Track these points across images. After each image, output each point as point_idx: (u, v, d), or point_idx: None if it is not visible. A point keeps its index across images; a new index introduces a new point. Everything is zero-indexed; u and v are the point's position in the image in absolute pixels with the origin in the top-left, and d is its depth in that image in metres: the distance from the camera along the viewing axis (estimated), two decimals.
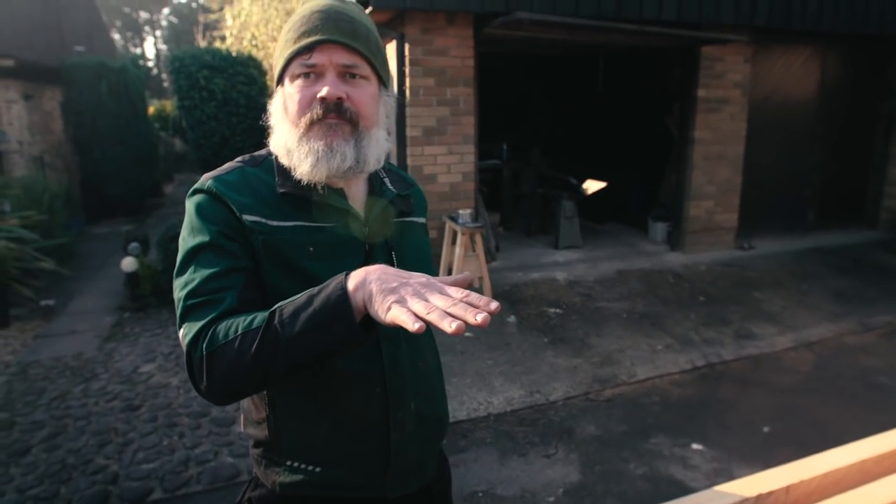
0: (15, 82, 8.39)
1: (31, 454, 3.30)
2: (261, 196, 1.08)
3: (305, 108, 1.06)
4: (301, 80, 1.07)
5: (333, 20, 1.05)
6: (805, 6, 6.39)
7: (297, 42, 1.06)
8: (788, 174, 7.40)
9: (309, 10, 1.07)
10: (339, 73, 1.06)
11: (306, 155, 1.06)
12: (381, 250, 1.14)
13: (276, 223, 1.07)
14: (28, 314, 5.54)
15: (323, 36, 1.04)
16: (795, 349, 4.66)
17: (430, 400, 1.23)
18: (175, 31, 35.56)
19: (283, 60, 1.08)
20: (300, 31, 1.06)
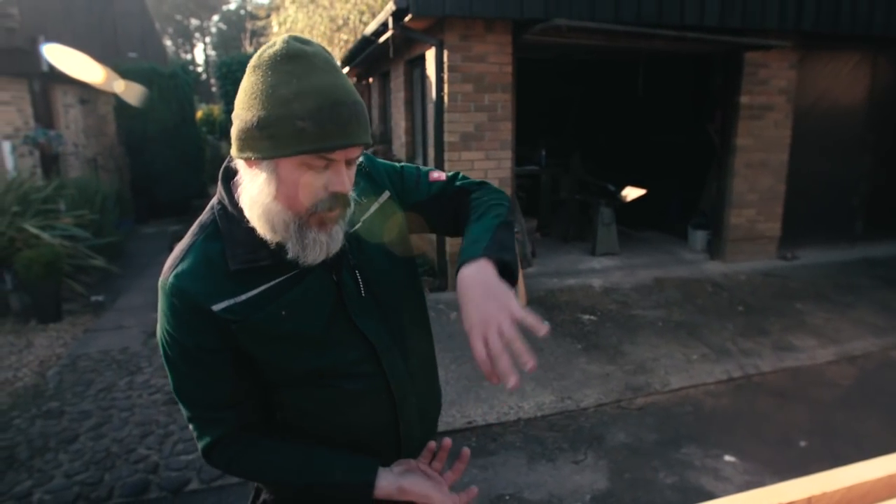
0: (72, 87, 8.77)
1: (78, 442, 3.45)
2: (219, 272, 1.04)
3: (313, 197, 0.99)
4: (313, 173, 0.98)
5: (356, 115, 0.97)
6: (855, 9, 6.22)
7: (320, 140, 0.94)
8: (835, 183, 7.20)
9: (329, 102, 0.94)
10: (347, 162, 1.02)
11: (312, 246, 1.02)
12: (347, 276, 1.12)
13: (244, 297, 1.04)
14: (79, 309, 5.77)
15: (353, 141, 0.97)
16: (837, 363, 4.54)
17: (427, 390, 1.29)
18: (224, 38, 36.54)
19: (295, 151, 0.95)
20: (323, 125, 0.93)
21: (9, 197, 5.72)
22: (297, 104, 0.92)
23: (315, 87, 0.94)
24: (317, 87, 0.94)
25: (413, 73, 7.02)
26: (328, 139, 0.94)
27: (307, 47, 0.97)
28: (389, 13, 5.26)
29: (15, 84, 7.23)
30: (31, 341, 5.04)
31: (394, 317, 1.18)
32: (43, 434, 3.55)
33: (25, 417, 3.76)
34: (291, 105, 0.92)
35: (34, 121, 7.49)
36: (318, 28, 12.69)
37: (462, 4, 4.93)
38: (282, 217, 1.00)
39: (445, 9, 4.91)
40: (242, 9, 36.45)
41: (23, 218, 5.64)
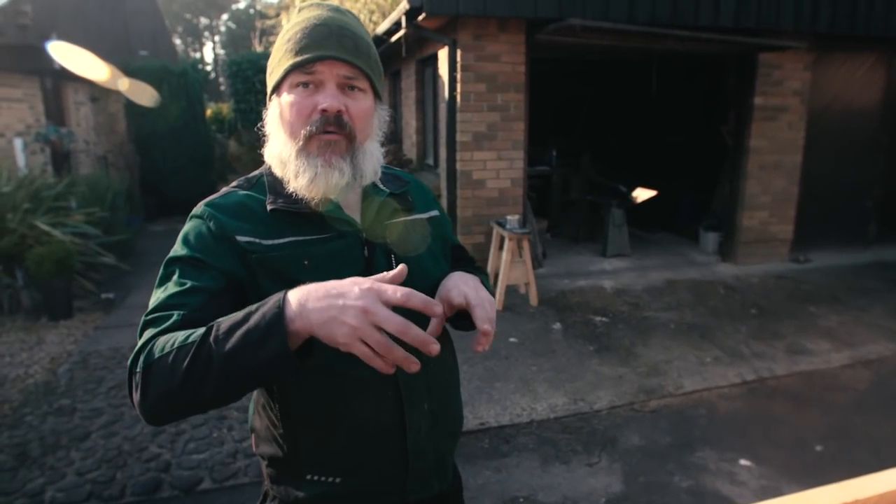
0: (84, 85, 8.80)
1: (90, 440, 3.45)
2: (254, 216, 1.08)
3: (305, 118, 1.05)
4: (301, 89, 1.06)
5: (337, 35, 1.05)
6: (871, 11, 6.17)
7: (298, 54, 1.04)
8: (849, 185, 7.14)
9: (312, 23, 1.06)
10: (338, 84, 1.06)
11: (304, 170, 1.05)
12: (380, 256, 1.13)
13: (270, 242, 1.05)
14: (90, 306, 5.78)
15: (327, 52, 1.04)
16: (852, 367, 4.49)
17: (444, 398, 1.23)
18: (233, 36, 36.64)
19: (282, 70, 1.07)
20: (302, 43, 1.05)
21: (20, 194, 5.73)
22: (289, 34, 1.07)
23: (308, 17, 1.07)
24: (308, 17, 1.07)
25: (425, 72, 7.01)
26: (305, 52, 1.04)
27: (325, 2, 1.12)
28: (403, 12, 5.24)
29: (27, 81, 7.25)
30: (42, 338, 5.04)
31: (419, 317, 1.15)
32: (55, 431, 3.54)
33: (37, 414, 3.75)
34: (286, 36, 1.08)
35: (45, 118, 7.52)
36: None
37: (476, 3, 4.91)
38: (287, 148, 1.07)
39: (459, 8, 4.89)
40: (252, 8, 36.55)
41: (34, 215, 5.65)
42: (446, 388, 1.25)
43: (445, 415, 1.24)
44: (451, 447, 1.28)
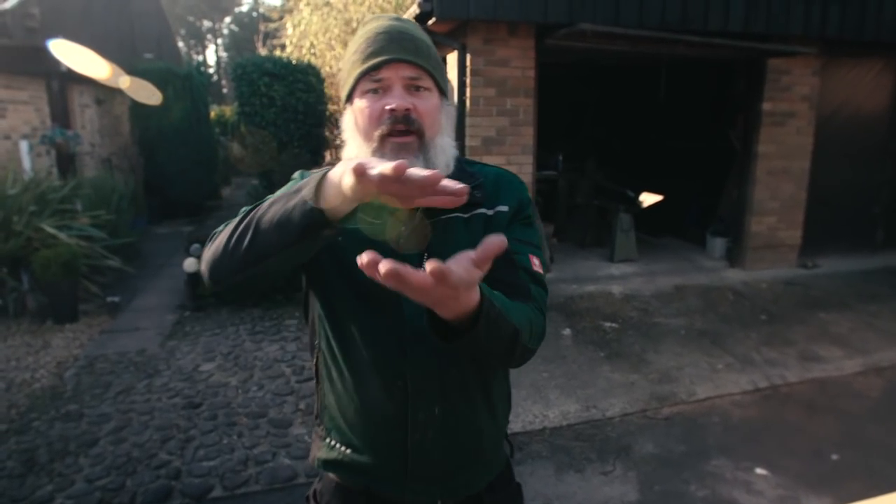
0: (89, 88, 8.78)
1: (98, 446, 3.42)
2: None
3: (376, 121, 1.11)
4: (370, 95, 1.13)
5: (397, 40, 1.12)
6: (880, 17, 6.15)
7: (364, 62, 1.12)
8: (857, 191, 7.12)
9: (373, 32, 1.14)
10: (404, 85, 1.12)
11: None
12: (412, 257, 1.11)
13: None
14: (95, 310, 5.75)
15: (389, 56, 1.11)
16: (864, 374, 4.46)
17: (464, 410, 1.20)
18: (236, 39, 36.69)
19: (352, 80, 1.15)
20: (367, 51, 1.12)
21: (26, 196, 5.70)
22: (355, 45, 1.16)
23: (369, 28, 1.16)
24: (370, 28, 1.16)
25: None
26: (370, 59, 1.12)
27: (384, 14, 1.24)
28: (413, 16, 5.22)
29: (33, 83, 7.24)
30: (48, 342, 5.01)
31: None
32: (63, 437, 3.51)
33: (44, 419, 3.72)
34: (352, 48, 1.16)
35: (51, 120, 7.49)
36: (332, 31, 12.67)
37: (486, 8, 4.89)
38: (362, 151, 1.14)
39: (469, 12, 4.87)
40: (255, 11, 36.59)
41: (40, 217, 5.62)
42: (469, 402, 1.21)
43: (462, 428, 1.21)
44: (468, 466, 1.25)
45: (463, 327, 0.91)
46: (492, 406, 1.26)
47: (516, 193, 1.26)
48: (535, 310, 1.13)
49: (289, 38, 13.75)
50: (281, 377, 4.25)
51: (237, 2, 39.31)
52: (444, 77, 1.21)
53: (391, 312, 1.13)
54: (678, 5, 5.42)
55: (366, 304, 1.14)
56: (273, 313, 5.53)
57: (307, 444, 3.42)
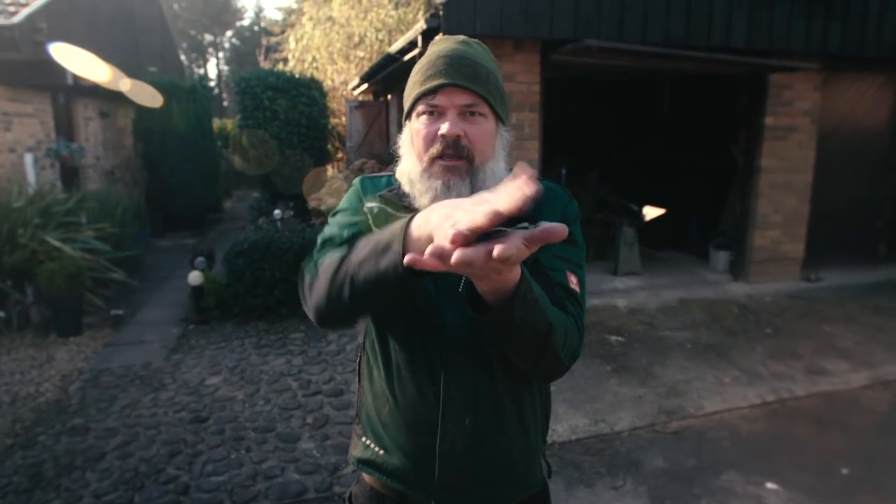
0: (93, 101, 8.82)
1: (105, 460, 3.40)
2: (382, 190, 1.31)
3: (429, 143, 1.16)
4: (426, 118, 1.17)
5: (456, 65, 1.14)
6: (880, 33, 6.21)
7: (423, 84, 1.16)
8: (859, 205, 7.15)
9: (435, 55, 1.17)
10: (459, 112, 1.15)
11: (426, 190, 1.16)
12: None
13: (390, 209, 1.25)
14: (99, 322, 5.73)
15: (445, 80, 1.13)
16: (872, 387, 4.46)
17: (494, 427, 1.21)
18: (237, 53, 36.87)
19: (410, 100, 1.19)
20: (426, 74, 1.16)
21: (31, 209, 5.71)
22: (419, 65, 1.19)
23: (434, 51, 1.19)
24: (435, 51, 1.19)
25: None
26: (427, 83, 1.15)
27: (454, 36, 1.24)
28: (419, 32, 5.26)
29: (38, 97, 7.27)
30: (52, 355, 5.00)
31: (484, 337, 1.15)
32: (69, 451, 3.49)
33: (50, 434, 3.70)
34: (416, 68, 1.20)
35: (56, 133, 7.52)
36: (334, 45, 12.77)
37: (493, 24, 4.93)
38: (414, 168, 1.19)
39: (476, 28, 4.91)
40: (256, 25, 36.81)
41: (44, 230, 5.62)
42: (500, 416, 1.22)
43: (492, 441, 1.22)
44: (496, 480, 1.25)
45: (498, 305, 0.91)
46: (524, 422, 1.26)
47: (559, 209, 1.28)
48: (571, 322, 1.12)
49: (291, 52, 13.86)
50: (287, 391, 4.24)
51: (239, 16, 39.57)
52: (503, 102, 1.22)
53: (433, 320, 1.17)
54: (682, 22, 5.47)
55: (410, 311, 1.18)
56: (278, 326, 5.52)
57: (316, 458, 3.40)
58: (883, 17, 6.19)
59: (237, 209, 13.38)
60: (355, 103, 11.06)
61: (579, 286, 1.22)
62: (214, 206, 11.95)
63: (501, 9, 4.96)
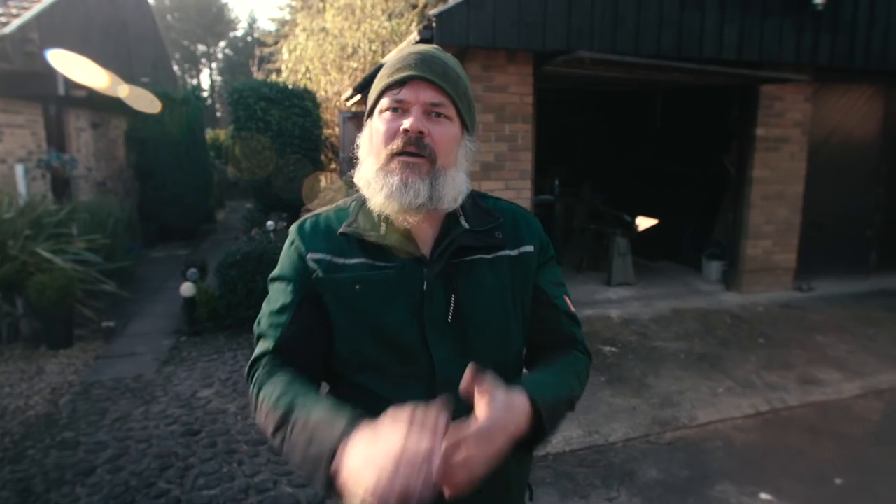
0: (85, 111, 8.79)
1: (95, 475, 3.36)
2: (332, 236, 1.17)
3: (389, 139, 1.10)
4: (389, 114, 1.11)
5: (427, 62, 1.10)
6: (868, 45, 6.28)
7: (389, 77, 1.11)
8: (850, 214, 7.20)
9: (406, 52, 1.14)
10: (424, 110, 1.09)
11: (381, 187, 1.10)
12: (439, 292, 1.13)
13: (341, 260, 1.14)
14: (90, 335, 5.69)
15: (413, 72, 1.09)
16: (864, 397, 4.47)
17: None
18: (230, 64, 36.93)
19: (375, 93, 1.14)
20: (394, 67, 1.12)
21: (21, 221, 5.67)
22: (387, 62, 1.16)
23: (407, 49, 1.15)
24: (407, 49, 1.15)
25: None
26: (395, 75, 1.10)
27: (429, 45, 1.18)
28: (412, 43, 5.28)
29: (30, 107, 7.24)
30: (42, 368, 4.95)
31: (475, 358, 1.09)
32: (58, 465, 3.45)
33: (39, 448, 3.66)
34: (381, 73, 1.15)
35: (47, 144, 7.48)
36: (327, 56, 12.79)
37: (486, 35, 4.96)
38: (372, 167, 1.12)
39: (469, 39, 4.93)
40: (250, 35, 36.91)
41: (35, 242, 5.58)
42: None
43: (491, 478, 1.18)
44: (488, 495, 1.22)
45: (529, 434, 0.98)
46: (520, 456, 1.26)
47: (536, 232, 1.27)
48: (580, 357, 1.20)
49: (284, 63, 13.88)
50: None
51: (232, 27, 39.65)
52: (470, 111, 1.18)
53: (421, 360, 1.12)
54: (674, 34, 5.51)
55: (394, 352, 1.12)
56: None
57: None
58: (871, 29, 6.26)
59: (230, 220, 13.34)
60: (349, 114, 11.07)
61: (572, 304, 1.28)
62: (207, 217, 11.91)
63: (494, 20, 4.99)
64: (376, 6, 12.92)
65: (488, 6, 4.94)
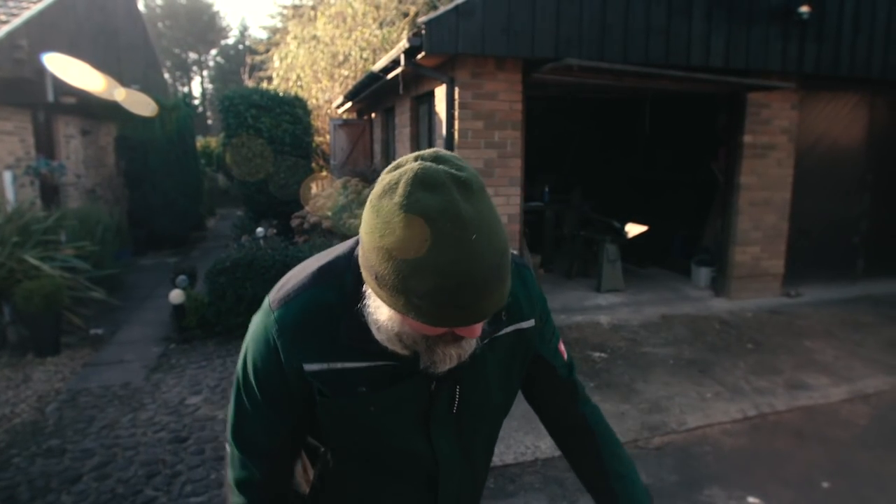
0: (75, 118, 8.77)
1: (82, 482, 3.33)
2: (322, 332, 0.97)
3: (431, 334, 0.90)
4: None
5: (487, 292, 0.80)
6: (854, 53, 6.37)
7: (440, 321, 0.82)
8: (836, 221, 7.27)
9: (453, 283, 0.78)
10: None
11: (441, 359, 0.92)
12: (446, 388, 1.04)
13: (340, 365, 0.97)
14: (78, 342, 5.65)
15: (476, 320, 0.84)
16: (851, 401, 4.50)
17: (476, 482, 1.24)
18: (222, 71, 36.93)
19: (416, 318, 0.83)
20: (443, 308, 0.80)
21: (9, 228, 5.63)
22: (414, 281, 0.78)
23: (436, 264, 0.77)
24: (438, 265, 0.77)
25: (420, 108, 7.07)
26: (446, 321, 0.82)
27: (432, 202, 0.77)
28: (402, 50, 5.31)
29: (19, 114, 7.21)
30: (29, 375, 4.90)
31: (471, 436, 1.13)
32: (44, 474, 3.42)
33: (25, 456, 3.63)
34: (408, 281, 0.79)
35: (36, 151, 7.46)
36: (319, 64, 12.82)
37: (475, 43, 4.99)
38: (411, 337, 0.90)
39: (458, 47, 4.96)
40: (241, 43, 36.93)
41: (23, 249, 5.55)
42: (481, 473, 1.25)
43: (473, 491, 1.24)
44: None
45: None
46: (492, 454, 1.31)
47: (536, 299, 1.15)
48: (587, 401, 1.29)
49: (275, 71, 13.91)
50: None
51: (224, 34, 39.67)
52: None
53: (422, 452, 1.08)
54: (661, 42, 5.57)
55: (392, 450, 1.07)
56: None
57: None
58: (856, 38, 6.35)
59: (221, 227, 13.30)
60: (339, 121, 11.10)
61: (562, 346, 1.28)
62: (198, 225, 11.87)
63: (483, 28, 5.02)
64: (367, 14, 12.98)
65: (477, 14, 4.98)
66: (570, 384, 1.25)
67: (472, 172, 0.84)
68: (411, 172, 0.80)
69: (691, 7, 5.65)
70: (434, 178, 0.79)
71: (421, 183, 0.78)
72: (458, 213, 0.77)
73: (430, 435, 1.05)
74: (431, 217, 0.76)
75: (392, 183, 0.81)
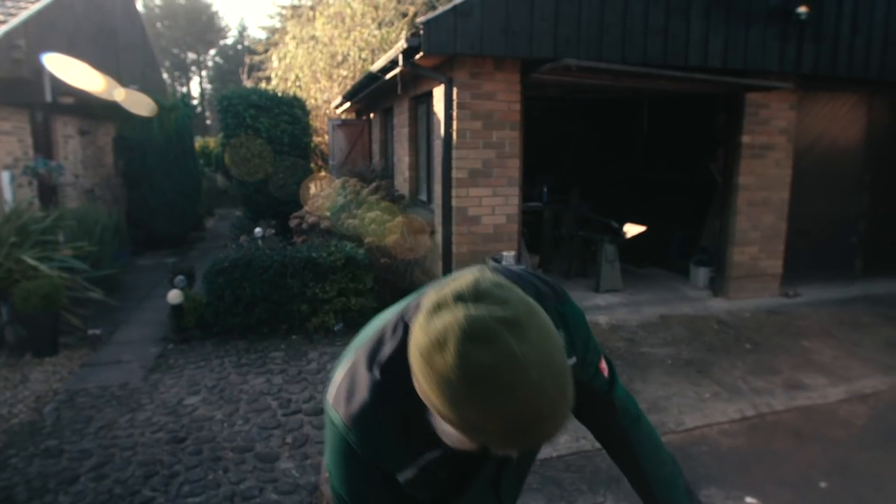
0: (73, 119, 8.77)
1: (79, 483, 3.33)
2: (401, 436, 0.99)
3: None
4: None
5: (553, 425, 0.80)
6: (852, 53, 6.38)
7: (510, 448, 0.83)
8: (835, 221, 7.28)
9: (523, 424, 0.77)
10: None
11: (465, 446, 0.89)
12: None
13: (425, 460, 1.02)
14: (76, 342, 5.64)
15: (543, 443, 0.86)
16: (849, 401, 4.50)
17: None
18: (220, 71, 36.90)
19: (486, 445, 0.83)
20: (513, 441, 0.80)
21: (7, 228, 5.63)
22: (482, 425, 0.78)
23: (504, 411, 0.76)
24: (506, 412, 0.76)
25: (418, 109, 7.07)
26: (517, 447, 0.83)
27: (488, 358, 0.74)
28: (400, 51, 5.31)
29: (17, 114, 7.20)
30: (27, 376, 4.90)
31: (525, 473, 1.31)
32: (42, 474, 3.42)
33: (23, 456, 3.62)
34: (476, 425, 0.78)
35: (34, 151, 7.45)
36: (318, 64, 12.82)
37: (473, 43, 4.99)
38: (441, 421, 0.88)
39: (456, 47, 4.97)
40: (240, 44, 36.93)
41: (21, 249, 5.54)
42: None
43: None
44: None
45: None
46: None
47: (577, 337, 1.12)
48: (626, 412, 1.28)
49: (274, 71, 13.90)
50: (267, 410, 4.19)
51: (222, 35, 39.65)
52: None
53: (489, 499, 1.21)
54: (660, 42, 5.57)
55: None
56: (258, 345, 5.47)
57: (295, 478, 3.36)
58: (854, 38, 6.36)
59: (220, 228, 13.29)
60: (338, 121, 11.10)
61: (603, 363, 1.23)
62: (196, 225, 11.86)
63: (482, 28, 5.02)
64: (366, 15, 12.98)
65: (476, 14, 4.98)
66: (608, 401, 1.25)
67: (516, 301, 0.80)
68: (458, 328, 0.76)
69: (689, 7, 5.66)
70: (483, 329, 0.76)
71: (471, 339, 0.75)
72: (516, 360, 0.74)
73: (500, 493, 1.20)
74: (490, 373, 0.74)
75: (440, 338, 0.77)
